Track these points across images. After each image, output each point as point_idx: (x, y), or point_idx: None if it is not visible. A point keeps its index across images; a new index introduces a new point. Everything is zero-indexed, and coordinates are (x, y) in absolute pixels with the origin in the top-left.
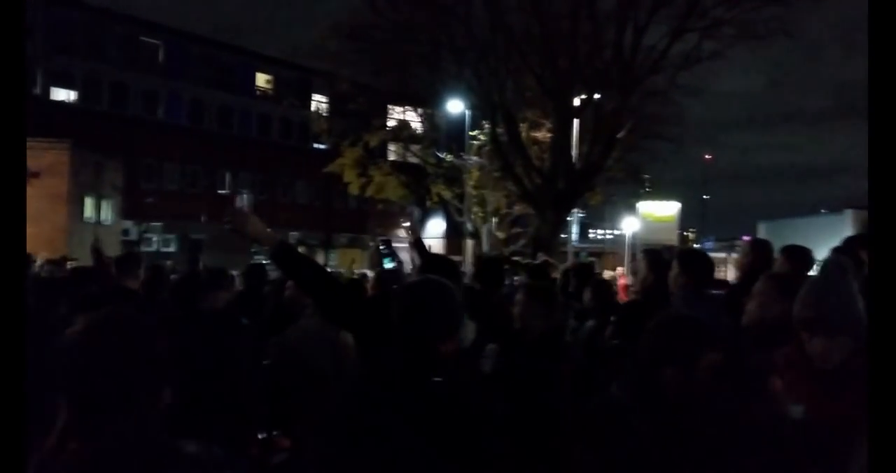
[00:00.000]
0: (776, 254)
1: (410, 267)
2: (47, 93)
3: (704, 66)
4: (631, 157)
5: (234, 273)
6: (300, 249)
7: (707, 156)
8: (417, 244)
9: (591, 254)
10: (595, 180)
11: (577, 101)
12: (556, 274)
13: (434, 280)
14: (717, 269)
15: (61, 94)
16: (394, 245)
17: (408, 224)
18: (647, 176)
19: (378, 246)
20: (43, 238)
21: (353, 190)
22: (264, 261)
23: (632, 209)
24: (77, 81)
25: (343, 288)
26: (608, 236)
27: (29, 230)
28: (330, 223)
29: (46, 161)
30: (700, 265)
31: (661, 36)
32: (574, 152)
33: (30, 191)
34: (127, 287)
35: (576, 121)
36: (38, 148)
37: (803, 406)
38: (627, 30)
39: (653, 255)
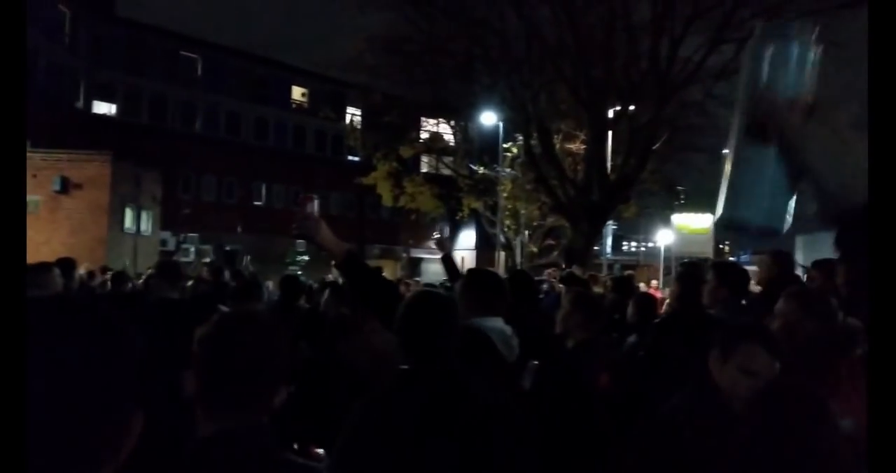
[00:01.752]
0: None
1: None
2: (89, 106)
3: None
4: (666, 169)
5: (269, 283)
6: (332, 260)
7: None
8: (446, 259)
9: (624, 267)
10: (629, 192)
11: (611, 113)
12: (599, 288)
13: (431, 293)
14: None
15: (103, 108)
16: (423, 256)
17: (437, 238)
18: (681, 187)
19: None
20: (84, 248)
21: (387, 202)
22: (298, 272)
23: (666, 221)
24: (118, 95)
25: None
26: (642, 248)
27: (70, 240)
28: (362, 234)
29: (88, 173)
30: (738, 277)
31: (697, 47)
32: (608, 164)
33: (72, 202)
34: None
35: (610, 133)
36: (80, 160)
37: (853, 420)
38: (663, 41)
39: (693, 267)
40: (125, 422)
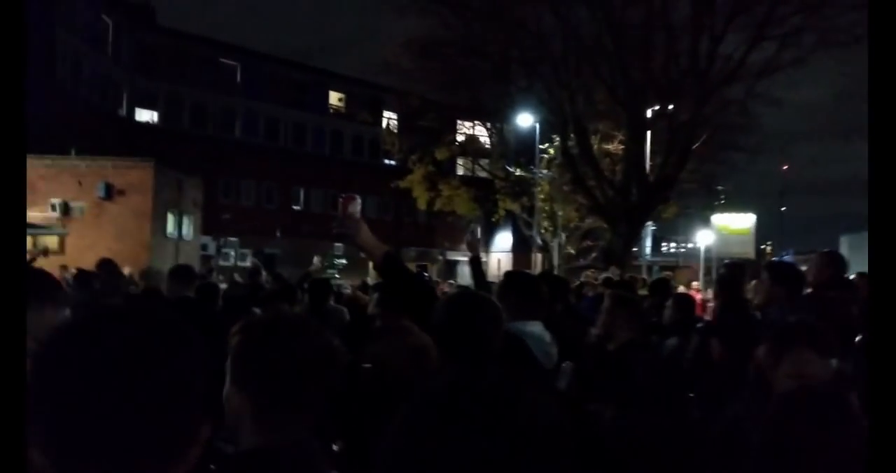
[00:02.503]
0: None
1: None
2: (132, 114)
3: (784, 74)
4: (705, 169)
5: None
6: (370, 263)
7: (784, 167)
8: (474, 262)
9: (663, 268)
10: (669, 192)
11: (649, 112)
12: (643, 291)
13: (473, 294)
14: None
15: (145, 115)
16: (459, 259)
17: (468, 239)
18: (721, 187)
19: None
20: (128, 252)
21: (421, 204)
22: (336, 276)
23: (706, 221)
24: (160, 103)
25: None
26: (681, 249)
27: (115, 245)
28: (399, 237)
29: (131, 179)
30: (794, 277)
31: (738, 44)
32: (647, 164)
33: (116, 208)
34: (185, 296)
35: (649, 133)
36: (123, 166)
37: None
38: (703, 38)
39: (735, 268)
40: (194, 429)
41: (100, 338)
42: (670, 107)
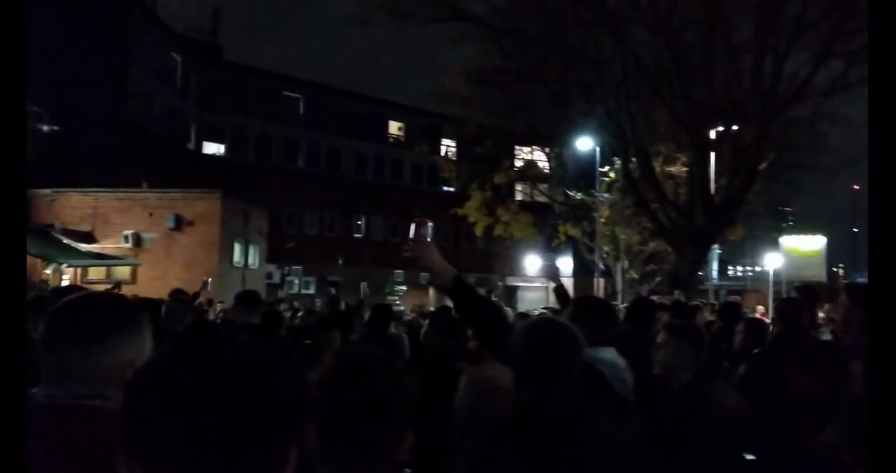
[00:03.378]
0: None
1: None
2: (200, 147)
3: (854, 91)
4: (772, 190)
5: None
6: (430, 290)
7: (855, 187)
8: (559, 291)
9: (731, 292)
10: (735, 214)
11: (713, 133)
12: (708, 316)
13: (552, 321)
14: None
15: (212, 148)
16: (519, 284)
17: (546, 266)
18: (788, 209)
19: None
20: (197, 281)
21: (479, 230)
22: (396, 301)
23: (774, 244)
24: (226, 135)
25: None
26: (749, 273)
27: (184, 274)
28: (458, 263)
29: (200, 210)
30: None
31: (803, 62)
32: (712, 186)
33: (185, 238)
34: (250, 322)
35: (713, 154)
36: (192, 198)
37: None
38: (766, 58)
39: (801, 294)
40: (282, 455)
41: (196, 369)
42: (734, 127)
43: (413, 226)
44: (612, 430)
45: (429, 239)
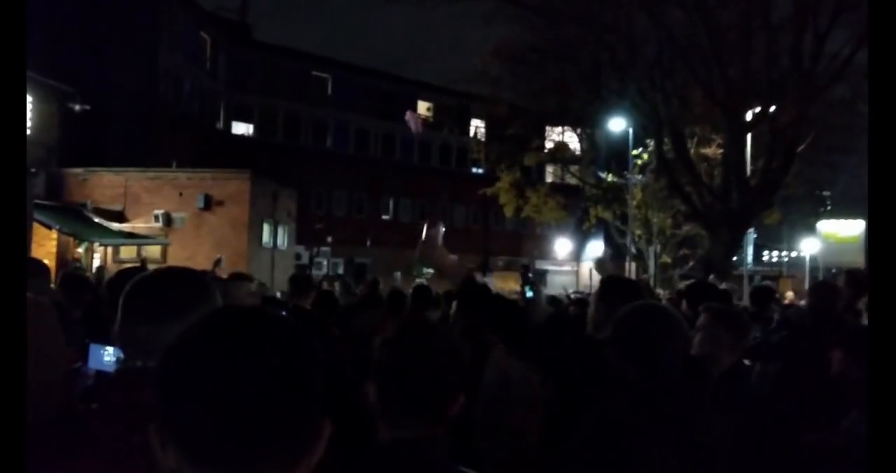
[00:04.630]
0: None
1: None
2: (229, 127)
3: None
4: (810, 173)
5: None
6: None
7: None
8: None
9: (765, 278)
10: (772, 198)
11: (749, 114)
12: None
13: (654, 306)
14: None
15: (241, 128)
16: (549, 268)
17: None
18: (827, 193)
19: (521, 274)
20: (226, 261)
21: (508, 212)
22: (425, 283)
23: (811, 229)
24: (254, 116)
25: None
26: (785, 259)
27: (214, 255)
28: (487, 246)
29: (229, 190)
30: None
31: (844, 41)
32: (748, 168)
33: (214, 218)
34: (300, 307)
35: (749, 136)
36: (221, 178)
37: None
38: (806, 37)
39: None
40: (316, 428)
41: (231, 340)
42: (772, 108)
43: (425, 227)
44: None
45: (438, 240)
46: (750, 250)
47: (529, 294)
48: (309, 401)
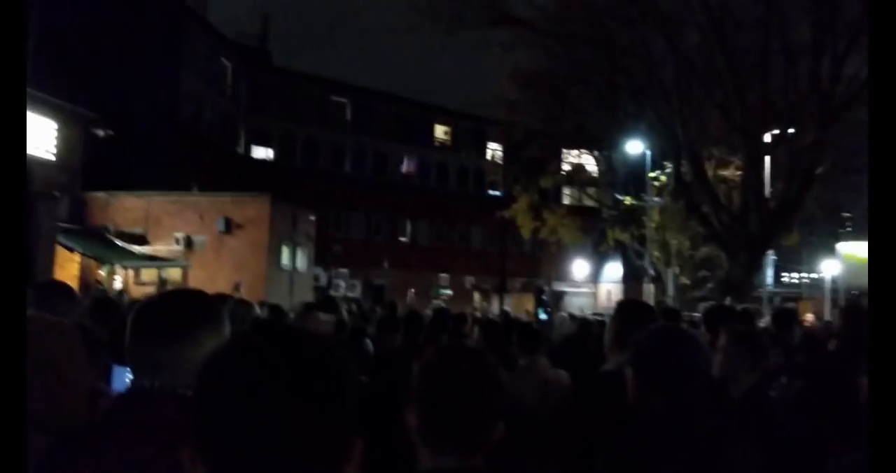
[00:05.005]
0: None
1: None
2: (249, 151)
3: None
4: (830, 194)
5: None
6: (475, 295)
7: None
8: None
9: (785, 299)
10: (791, 219)
11: (768, 137)
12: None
13: (675, 328)
14: None
15: (261, 152)
16: (566, 289)
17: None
18: (847, 214)
19: (535, 296)
20: (245, 284)
21: (525, 234)
22: (443, 305)
23: (831, 250)
24: (274, 140)
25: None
26: (804, 280)
27: (234, 277)
28: (504, 268)
29: (249, 213)
30: None
31: (862, 63)
32: (766, 190)
33: (234, 241)
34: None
35: (768, 158)
36: (241, 201)
37: None
38: (825, 59)
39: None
40: (348, 450)
41: (264, 359)
42: (790, 131)
43: None
44: (747, 444)
45: None
46: (769, 272)
47: (543, 316)
48: (343, 422)
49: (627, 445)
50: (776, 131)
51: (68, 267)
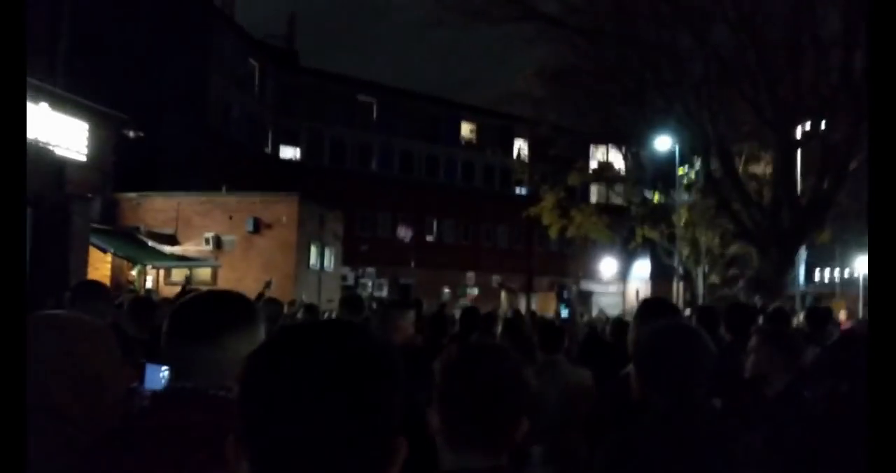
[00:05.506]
0: None
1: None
2: (277, 151)
3: None
4: (863, 190)
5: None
6: (502, 294)
7: None
8: None
9: (817, 298)
10: (824, 215)
11: (799, 132)
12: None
13: (682, 325)
14: None
15: (288, 152)
16: (594, 289)
17: None
18: None
19: (557, 294)
20: (275, 284)
21: (552, 233)
22: (469, 304)
23: (865, 247)
24: (301, 140)
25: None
26: (837, 278)
27: (263, 277)
28: (531, 266)
29: (277, 213)
30: None
31: None
32: (798, 186)
33: (263, 241)
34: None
35: (799, 153)
36: (270, 201)
37: None
38: (857, 51)
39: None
40: (393, 448)
41: (310, 350)
42: (822, 125)
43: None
44: (753, 441)
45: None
46: (801, 269)
47: (565, 313)
48: (389, 418)
49: (626, 442)
50: (808, 126)
51: (101, 268)
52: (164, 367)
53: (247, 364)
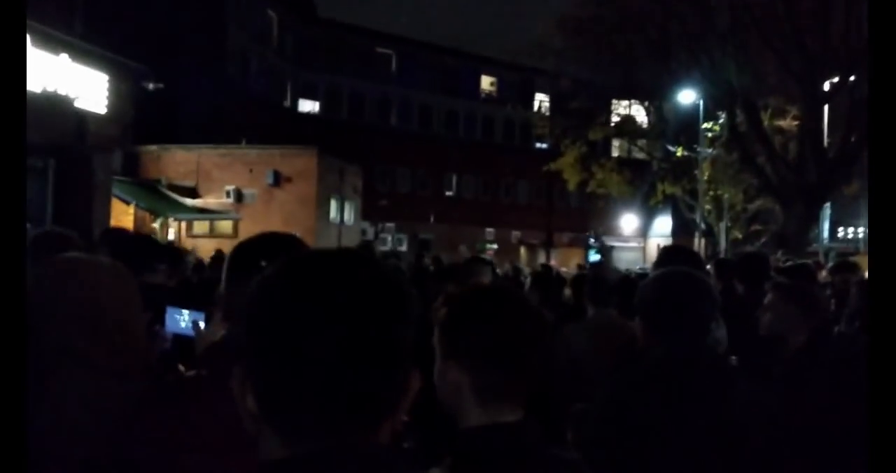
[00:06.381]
0: None
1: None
2: (295, 105)
3: None
4: None
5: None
6: (521, 249)
7: None
8: None
9: (840, 254)
10: (851, 170)
11: (827, 85)
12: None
13: (683, 271)
14: None
15: (307, 106)
16: (615, 244)
17: None
18: None
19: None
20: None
21: (571, 186)
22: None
23: None
24: (320, 94)
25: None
26: (860, 235)
27: (283, 229)
28: (551, 222)
29: (297, 167)
30: None
31: None
32: (825, 140)
33: (283, 194)
34: None
35: (826, 107)
36: (289, 155)
37: None
38: None
39: None
40: (406, 379)
41: (319, 277)
42: (851, 78)
43: None
44: (755, 387)
45: None
46: (826, 226)
47: (595, 257)
48: (401, 348)
49: (625, 385)
50: (836, 79)
51: (124, 220)
52: (185, 311)
53: (251, 292)
